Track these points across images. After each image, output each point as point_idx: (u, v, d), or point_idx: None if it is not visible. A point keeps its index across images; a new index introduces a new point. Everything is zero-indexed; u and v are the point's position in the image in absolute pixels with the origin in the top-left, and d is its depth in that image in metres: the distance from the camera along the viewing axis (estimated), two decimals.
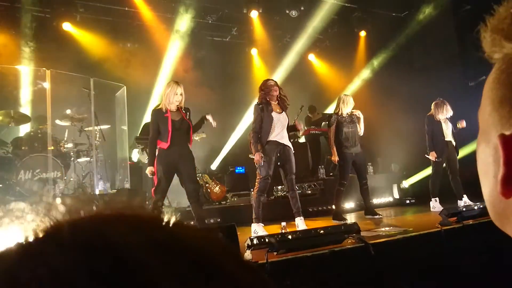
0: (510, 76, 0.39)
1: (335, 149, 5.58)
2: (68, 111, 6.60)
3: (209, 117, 4.81)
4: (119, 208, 0.28)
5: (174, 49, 8.71)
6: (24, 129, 6.89)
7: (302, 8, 8.76)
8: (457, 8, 8.19)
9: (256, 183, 4.64)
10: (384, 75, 8.91)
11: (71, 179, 6.33)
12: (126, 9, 8.07)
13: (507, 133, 0.38)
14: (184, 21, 8.51)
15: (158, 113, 4.53)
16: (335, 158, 5.56)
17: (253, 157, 4.65)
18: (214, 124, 4.83)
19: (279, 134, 4.64)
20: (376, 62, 9.47)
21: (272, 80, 4.97)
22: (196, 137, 5.19)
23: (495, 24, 0.40)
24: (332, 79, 10.02)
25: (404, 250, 3.40)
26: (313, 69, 10.40)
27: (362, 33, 9.74)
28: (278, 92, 4.77)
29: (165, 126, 4.45)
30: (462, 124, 6.01)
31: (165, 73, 8.68)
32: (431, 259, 3.30)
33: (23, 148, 6.07)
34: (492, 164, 0.40)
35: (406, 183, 7.67)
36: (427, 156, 6.03)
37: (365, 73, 9.61)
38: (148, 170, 4.50)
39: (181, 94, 4.53)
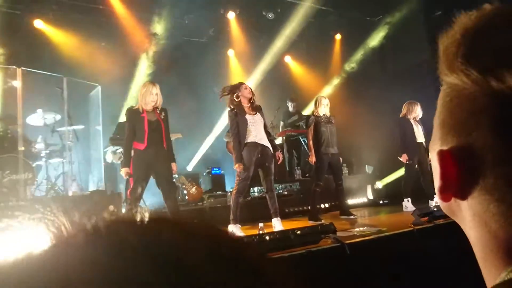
0: (452, 102, 0.43)
1: (313, 151, 5.64)
2: (40, 111, 6.43)
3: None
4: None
5: (150, 49, 8.61)
6: None
7: (278, 10, 8.83)
8: (428, 13, 8.42)
9: (235, 184, 4.64)
10: (358, 77, 9.08)
11: (43, 180, 6.17)
12: (101, 7, 7.92)
13: (444, 148, 0.44)
14: (160, 21, 8.42)
15: (134, 113, 4.48)
16: (313, 159, 5.62)
17: (235, 167, 4.63)
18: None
19: (257, 135, 4.66)
20: (350, 64, 9.63)
21: (243, 82, 4.97)
22: (172, 138, 5.14)
23: (445, 48, 0.43)
24: (308, 81, 10.12)
25: (379, 249, 3.48)
26: (290, 70, 10.48)
27: (338, 36, 9.89)
28: (250, 94, 4.77)
29: (141, 127, 4.40)
30: None
31: (141, 73, 8.57)
32: (405, 258, 3.39)
33: None
34: (438, 169, 0.45)
35: (379, 184, 7.83)
36: (399, 159, 6.17)
37: (340, 76, 9.76)
38: (123, 171, 4.44)
39: (156, 94, 4.50)
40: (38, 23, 7.63)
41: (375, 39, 9.37)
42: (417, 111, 6.15)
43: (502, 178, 0.40)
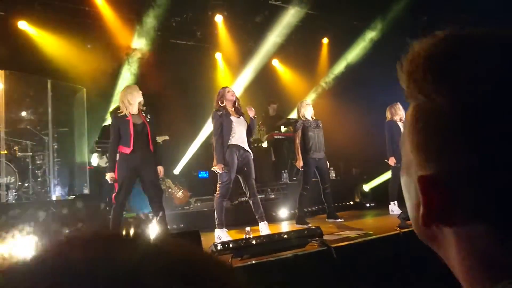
0: (425, 126, 0.44)
1: (300, 155, 5.65)
2: (24, 114, 6.32)
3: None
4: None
5: (136, 52, 8.54)
6: None
7: (266, 14, 8.84)
8: (415, 18, 8.54)
9: (217, 188, 4.62)
10: (345, 81, 9.15)
11: (26, 184, 6.05)
12: (87, 8, 7.83)
13: (425, 174, 0.43)
14: (147, 23, 8.37)
15: (118, 116, 4.42)
16: (300, 163, 5.63)
17: (215, 168, 4.61)
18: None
19: (240, 137, 4.66)
20: (337, 68, 9.69)
21: (226, 86, 4.99)
22: (158, 140, 5.10)
23: (410, 71, 0.45)
24: (295, 85, 10.16)
25: (365, 252, 3.49)
26: (277, 74, 10.51)
27: (325, 40, 9.95)
28: (234, 97, 4.78)
29: (126, 130, 4.35)
30: None
31: (127, 76, 8.49)
32: (391, 261, 3.40)
33: None
34: (413, 194, 0.46)
35: (366, 187, 7.87)
36: (386, 161, 6.21)
37: (327, 79, 9.81)
38: (108, 176, 4.38)
39: (138, 97, 4.47)
40: (22, 24, 7.50)
41: (362, 43, 9.45)
42: (401, 111, 6.21)
43: (485, 197, 0.40)
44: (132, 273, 0.23)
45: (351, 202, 7.71)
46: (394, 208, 6.10)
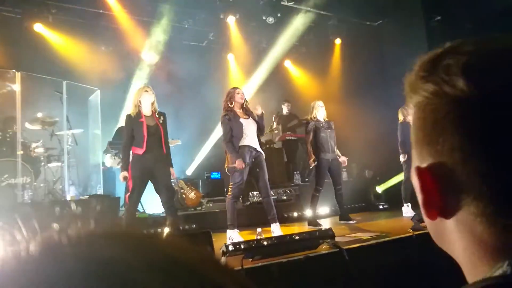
0: (419, 120, 0.48)
1: (312, 152, 5.63)
2: (39, 115, 6.41)
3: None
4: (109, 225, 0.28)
5: (149, 54, 8.62)
6: None
7: (278, 15, 8.83)
8: (428, 18, 8.44)
9: (229, 189, 4.62)
10: (358, 82, 9.07)
11: (41, 184, 6.14)
12: (101, 11, 7.93)
13: (422, 165, 0.47)
14: (160, 25, 8.44)
15: (132, 118, 4.46)
16: (313, 158, 5.58)
17: (232, 167, 4.59)
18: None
19: (251, 138, 4.64)
20: (350, 69, 9.63)
21: (236, 87, 4.95)
22: (171, 144, 5.12)
23: (408, 79, 0.51)
24: (307, 86, 10.13)
25: (378, 255, 3.45)
26: (289, 75, 10.49)
27: (338, 41, 9.89)
28: (243, 100, 4.76)
29: (140, 131, 4.39)
30: None
31: (140, 78, 8.57)
32: (404, 263, 3.36)
33: None
34: (419, 192, 0.48)
35: (379, 189, 7.80)
36: (400, 163, 6.17)
37: (340, 80, 9.75)
38: (121, 175, 4.42)
39: (151, 98, 4.50)
40: (38, 27, 7.64)
41: (375, 44, 9.37)
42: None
43: (483, 186, 0.42)
44: (133, 277, 0.24)
45: (364, 204, 7.65)
46: (407, 210, 6.04)
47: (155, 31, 8.35)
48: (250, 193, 6.91)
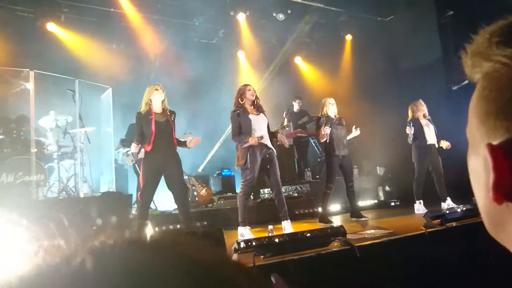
0: (491, 92, 0.43)
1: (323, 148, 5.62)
2: (52, 113, 6.49)
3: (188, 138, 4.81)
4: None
5: (160, 51, 8.66)
6: (6, 131, 6.75)
7: (289, 12, 8.80)
8: (440, 13, 8.33)
9: (241, 186, 4.62)
10: (369, 78, 9.01)
11: (55, 182, 6.23)
12: (112, 10, 7.99)
13: (494, 142, 0.41)
14: (171, 23, 8.47)
15: (142, 115, 4.50)
16: (324, 132, 5.47)
17: (241, 165, 4.61)
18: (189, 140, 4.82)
19: (262, 135, 4.63)
20: (361, 65, 9.56)
21: (247, 84, 4.94)
22: (182, 139, 5.17)
23: (474, 49, 0.46)
24: (318, 82, 10.08)
25: (390, 252, 3.43)
26: (300, 72, 10.45)
27: (348, 37, 9.82)
28: (254, 96, 4.75)
29: (148, 128, 4.42)
30: (446, 144, 6.01)
31: (151, 75, 8.62)
32: (416, 261, 3.34)
33: (5, 150, 5.94)
34: (483, 174, 0.43)
35: (391, 186, 7.75)
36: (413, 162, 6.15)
37: (351, 77, 9.69)
38: (133, 146, 4.47)
39: (162, 96, 4.53)
40: (51, 26, 7.73)
41: (387, 39, 9.29)
42: (423, 107, 6.09)
43: None
44: (148, 277, 0.24)
45: (376, 201, 7.61)
46: (419, 207, 5.99)
47: (166, 29, 8.39)
48: (261, 190, 6.92)
